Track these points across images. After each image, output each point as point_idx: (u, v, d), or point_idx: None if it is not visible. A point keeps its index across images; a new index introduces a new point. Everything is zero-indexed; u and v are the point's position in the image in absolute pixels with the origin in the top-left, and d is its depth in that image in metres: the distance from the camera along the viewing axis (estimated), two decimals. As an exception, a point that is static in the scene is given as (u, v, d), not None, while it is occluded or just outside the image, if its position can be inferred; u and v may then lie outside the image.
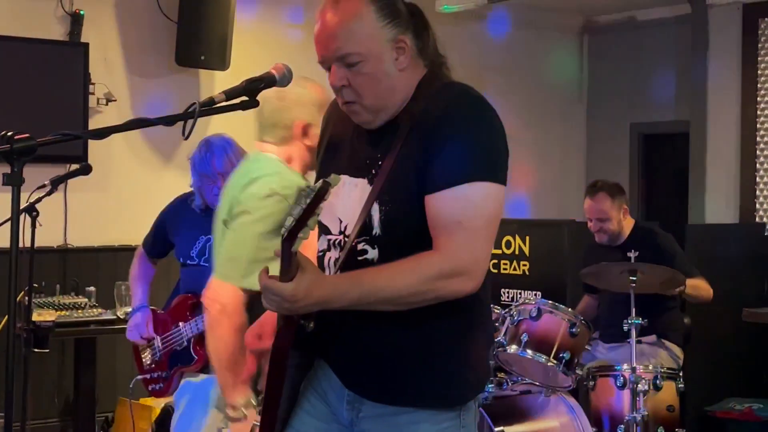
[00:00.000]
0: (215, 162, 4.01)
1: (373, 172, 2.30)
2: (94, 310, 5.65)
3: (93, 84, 6.14)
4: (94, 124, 6.08)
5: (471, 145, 2.21)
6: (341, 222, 2.35)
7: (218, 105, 2.32)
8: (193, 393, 4.19)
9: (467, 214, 2.17)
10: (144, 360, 4.31)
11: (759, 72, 7.15)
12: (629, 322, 4.57)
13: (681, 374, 4.76)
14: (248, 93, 2.37)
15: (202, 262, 4.11)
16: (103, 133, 2.21)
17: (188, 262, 4.15)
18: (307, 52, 8.42)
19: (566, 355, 4.50)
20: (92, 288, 5.88)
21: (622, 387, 4.59)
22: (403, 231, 2.25)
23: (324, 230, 2.41)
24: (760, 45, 7.13)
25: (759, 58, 7.15)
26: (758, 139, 7.15)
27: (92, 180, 4.86)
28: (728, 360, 5.95)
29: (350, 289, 2.15)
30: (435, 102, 2.27)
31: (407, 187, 2.23)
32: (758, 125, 7.14)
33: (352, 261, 2.28)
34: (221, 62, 6.33)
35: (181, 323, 4.14)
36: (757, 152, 7.14)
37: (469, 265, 2.18)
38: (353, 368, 2.36)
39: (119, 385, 6.13)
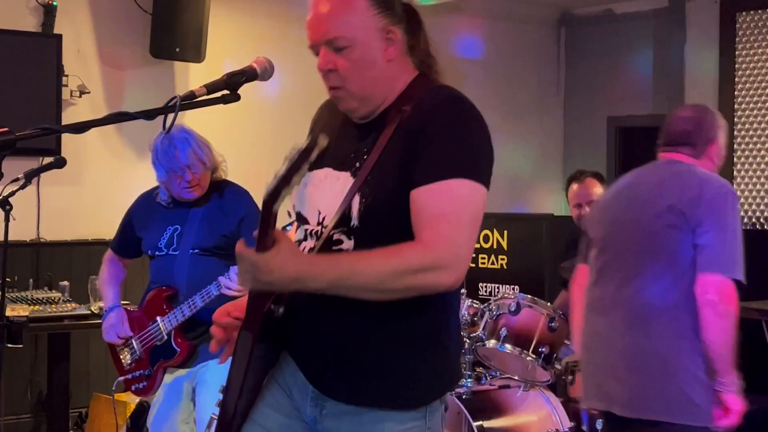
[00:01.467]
0: (180, 155, 4.00)
1: (357, 165, 2.30)
2: (68, 305, 5.59)
3: (66, 76, 6.06)
4: (67, 116, 6.01)
5: (458, 144, 2.21)
6: (320, 213, 2.34)
7: (199, 99, 2.29)
8: (170, 389, 4.18)
9: (452, 208, 2.16)
10: (123, 360, 4.26)
11: (736, 66, 7.18)
12: (609, 316, 4.56)
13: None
14: (229, 87, 2.34)
15: (170, 251, 4.12)
16: (82, 128, 2.17)
17: (156, 253, 4.15)
18: (283, 45, 8.46)
19: (545, 350, 4.50)
20: (66, 282, 5.81)
21: (602, 381, 4.58)
22: (380, 224, 2.24)
23: (302, 221, 2.41)
24: (737, 39, 7.15)
25: (736, 53, 7.18)
26: (735, 133, 7.19)
27: (65, 173, 4.79)
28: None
29: (327, 269, 2.12)
30: (423, 103, 2.27)
31: (389, 181, 2.23)
32: (735, 119, 7.18)
33: (326, 251, 2.27)
34: (196, 54, 6.27)
35: (158, 317, 4.11)
36: (734, 146, 7.18)
37: (450, 258, 2.14)
38: (317, 365, 2.34)
39: (93, 381, 6.08)
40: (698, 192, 3.34)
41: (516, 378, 4.65)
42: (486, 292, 5.97)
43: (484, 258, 6.04)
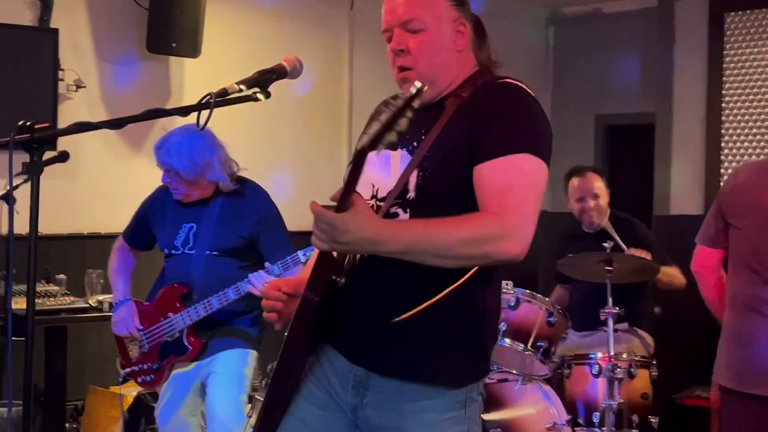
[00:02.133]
0: (161, 158, 4.04)
1: (415, 144, 2.37)
2: (66, 298, 5.60)
3: (63, 70, 6.07)
4: (63, 110, 6.02)
5: (521, 122, 2.29)
6: (374, 186, 2.41)
7: (231, 96, 2.34)
8: (177, 383, 4.21)
9: (518, 181, 2.22)
10: (131, 353, 4.29)
11: (725, 66, 7.24)
12: (607, 311, 4.64)
13: (654, 362, 4.84)
14: (260, 84, 2.40)
15: (186, 250, 4.12)
16: (119, 124, 2.22)
17: (173, 252, 4.15)
18: (278, 41, 8.49)
19: (543, 344, 4.58)
20: (63, 276, 5.83)
21: (598, 375, 4.65)
22: (436, 197, 2.30)
23: None
24: (725, 39, 7.22)
25: (725, 52, 7.24)
26: (723, 131, 7.25)
27: (61, 167, 4.77)
28: (696, 349, 6.05)
29: (402, 232, 2.13)
30: (482, 88, 2.38)
31: (450, 156, 2.30)
32: (723, 118, 7.24)
33: None
34: (193, 50, 6.29)
35: (171, 314, 4.13)
36: (722, 144, 7.24)
37: (518, 228, 2.18)
38: (363, 343, 2.38)
39: (89, 374, 6.09)
40: None
41: (514, 372, 4.71)
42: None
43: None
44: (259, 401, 2.64)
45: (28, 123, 2.08)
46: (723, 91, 7.23)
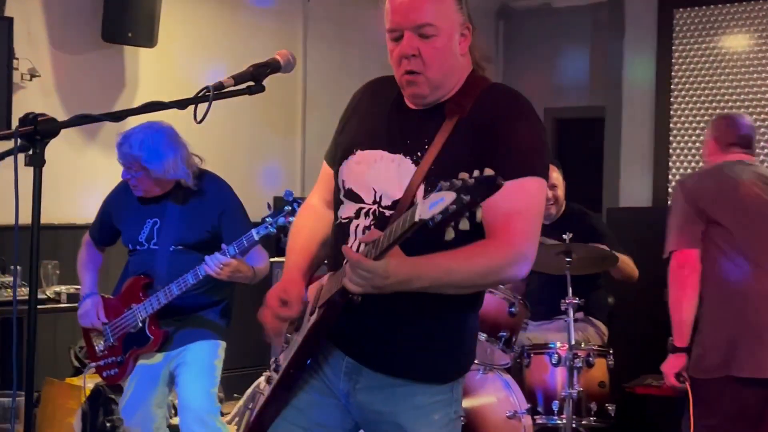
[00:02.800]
0: (124, 152, 4.03)
1: (419, 153, 2.39)
2: (23, 289, 5.55)
3: (17, 59, 5.99)
4: (18, 100, 5.94)
5: (527, 143, 2.34)
6: (375, 192, 2.43)
7: (227, 89, 2.36)
8: (143, 374, 4.21)
9: (526, 205, 2.30)
10: (96, 347, 4.28)
11: (673, 61, 7.39)
12: (567, 301, 4.72)
13: (611, 352, 4.94)
14: (255, 78, 2.42)
15: (151, 245, 4.14)
16: (120, 116, 2.23)
17: (137, 247, 4.17)
18: (234, 31, 8.41)
19: (505, 334, 4.64)
20: (19, 267, 5.77)
21: (557, 364, 4.75)
22: None
23: (353, 198, 2.48)
24: (674, 34, 7.37)
25: (673, 48, 7.40)
26: (671, 125, 7.41)
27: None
28: (647, 338, 6.18)
29: (429, 269, 2.21)
30: (486, 100, 2.40)
31: (457, 172, 2.31)
32: (671, 112, 7.39)
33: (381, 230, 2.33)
34: (149, 40, 6.26)
35: (134, 305, 4.14)
36: (670, 138, 7.40)
37: (528, 252, 2.30)
38: (356, 337, 2.45)
39: (44, 365, 6.04)
40: None
41: (476, 361, 4.77)
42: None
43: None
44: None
45: (31, 115, 2.09)
46: (672, 86, 7.38)
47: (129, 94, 6.47)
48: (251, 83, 2.41)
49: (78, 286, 5.07)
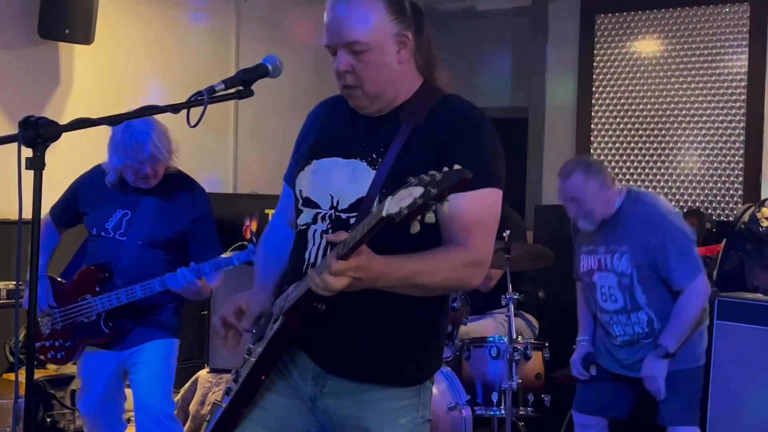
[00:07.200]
0: (140, 150, 4.01)
1: (374, 156, 2.43)
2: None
3: (-50, 54, 5.95)
4: (-49, 95, 5.90)
5: (484, 154, 2.41)
6: (332, 197, 2.47)
7: (219, 94, 2.45)
8: (96, 369, 4.24)
9: (483, 216, 2.39)
10: (41, 328, 4.23)
11: (594, 64, 7.63)
12: (508, 296, 4.90)
13: (547, 344, 5.14)
14: (244, 82, 2.51)
15: (117, 236, 4.14)
16: (117, 120, 2.30)
17: (102, 233, 4.16)
18: (171, 30, 8.38)
19: (448, 328, 4.80)
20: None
21: (496, 357, 4.92)
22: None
23: (310, 205, 2.52)
24: (596, 39, 7.61)
25: (595, 51, 7.64)
26: (592, 126, 7.65)
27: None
28: (574, 330, 6.41)
29: (398, 269, 2.26)
30: (440, 112, 2.45)
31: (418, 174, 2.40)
32: (593, 113, 7.63)
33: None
34: (86, 37, 6.23)
35: (89, 296, 4.13)
36: (591, 138, 7.65)
37: (484, 261, 2.40)
38: (321, 343, 2.48)
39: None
40: None
41: (418, 354, 4.91)
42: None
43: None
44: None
45: (32, 118, 2.15)
46: (593, 88, 7.62)
47: (63, 92, 6.45)
48: (240, 87, 2.50)
49: (14, 282, 5.05)
